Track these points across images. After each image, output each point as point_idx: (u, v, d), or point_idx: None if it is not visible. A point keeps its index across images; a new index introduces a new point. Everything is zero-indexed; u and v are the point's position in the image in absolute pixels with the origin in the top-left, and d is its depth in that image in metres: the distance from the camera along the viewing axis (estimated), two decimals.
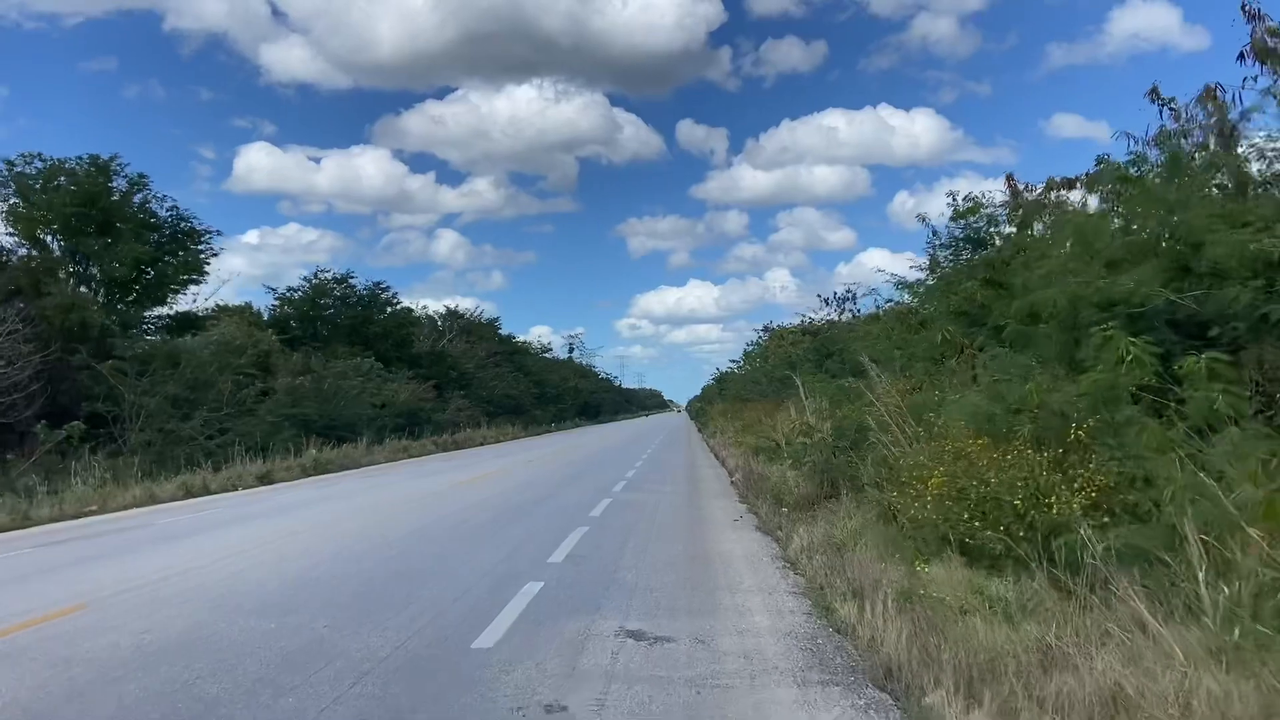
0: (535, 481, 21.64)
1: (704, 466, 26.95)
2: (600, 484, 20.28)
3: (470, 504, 16.26)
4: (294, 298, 52.61)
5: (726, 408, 62.94)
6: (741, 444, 31.99)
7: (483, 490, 19.26)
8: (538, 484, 20.83)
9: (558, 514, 14.60)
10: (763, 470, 20.86)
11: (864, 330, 24.40)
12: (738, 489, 19.16)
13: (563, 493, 18.42)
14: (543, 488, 19.74)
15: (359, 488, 21.25)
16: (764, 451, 24.58)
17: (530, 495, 17.91)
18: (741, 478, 20.51)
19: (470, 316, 78.94)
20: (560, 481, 21.62)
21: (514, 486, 20.10)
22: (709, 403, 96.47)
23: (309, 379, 37.59)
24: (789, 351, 40.38)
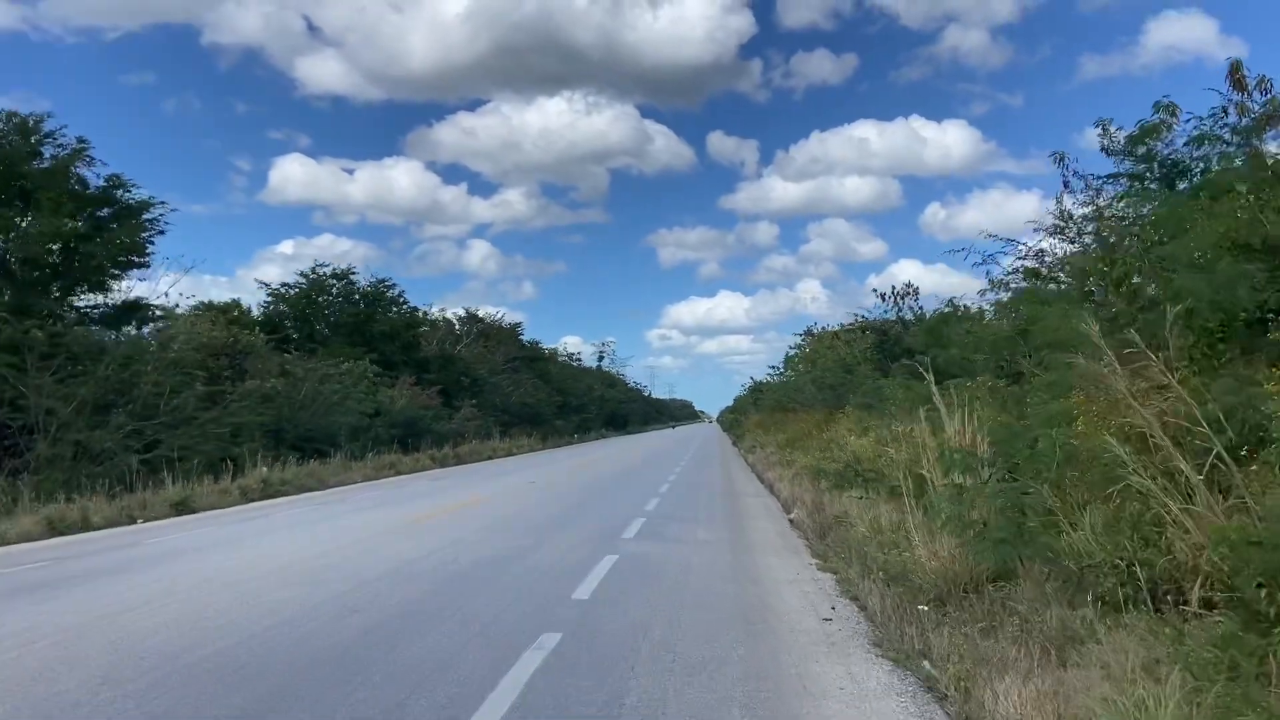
0: (518, 518, 15.69)
1: (747, 494, 20.84)
2: (608, 523, 14.31)
3: (391, 568, 10.28)
4: (288, 294, 47.26)
5: (764, 418, 56.80)
6: (791, 463, 25.88)
7: (437, 534, 13.34)
8: (519, 522, 14.87)
9: (521, 596, 8.62)
10: (836, 506, 14.84)
11: (974, 323, 18.40)
12: (804, 536, 13.12)
13: (549, 541, 12.44)
14: (523, 529, 13.78)
15: (273, 527, 15.38)
16: (828, 475, 18.53)
17: (498, 546, 11.94)
18: (805, 516, 14.46)
19: (490, 320, 73.58)
20: (554, 518, 15.65)
21: (484, 527, 14.16)
22: (742, 413, 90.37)
23: (282, 382, 31.99)
24: (843, 353, 34.25)
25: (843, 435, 26.27)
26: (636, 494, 19.97)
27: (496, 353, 65.98)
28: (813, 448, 29.81)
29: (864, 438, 19.33)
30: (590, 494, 20.65)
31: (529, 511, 16.59)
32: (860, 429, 20.41)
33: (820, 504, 15.89)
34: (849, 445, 19.61)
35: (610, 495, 20.26)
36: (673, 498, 19.15)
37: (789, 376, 50.96)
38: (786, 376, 51.54)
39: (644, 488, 21.80)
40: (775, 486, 21.11)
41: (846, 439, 23.75)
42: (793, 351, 50.82)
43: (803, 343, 50.29)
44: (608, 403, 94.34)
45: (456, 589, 8.89)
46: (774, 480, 22.46)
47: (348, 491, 23.53)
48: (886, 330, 29.61)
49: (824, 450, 25.76)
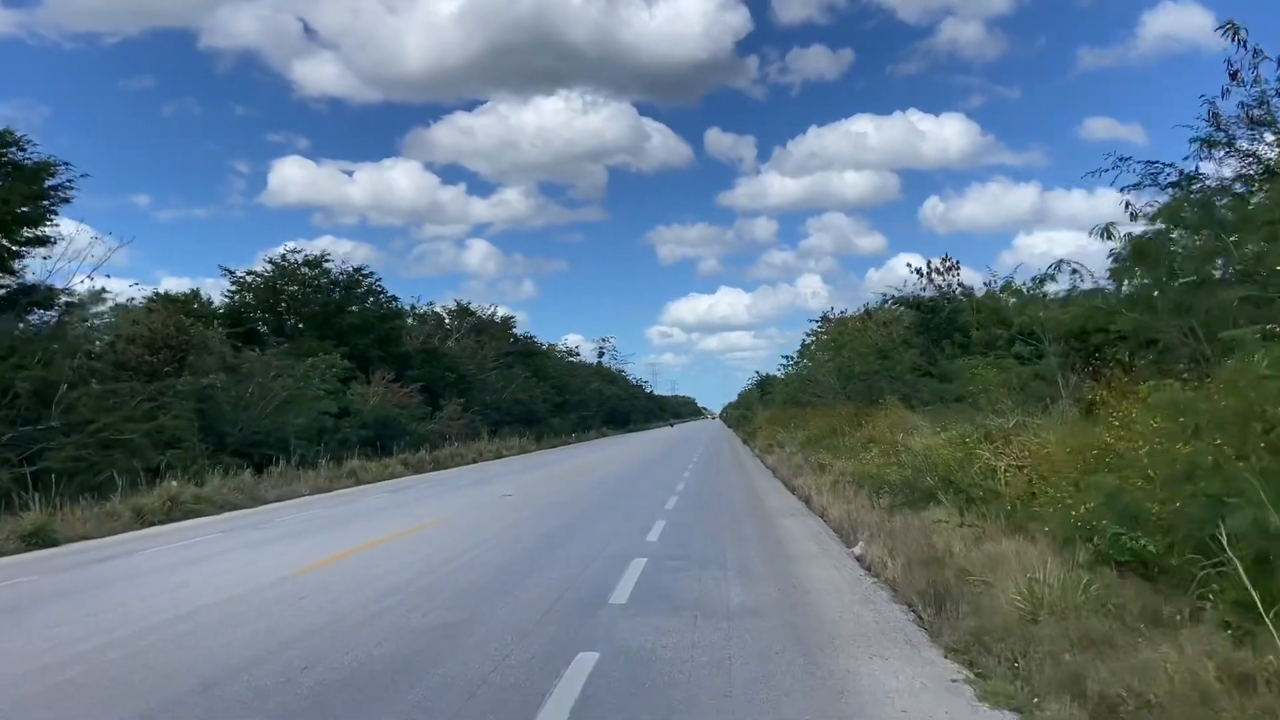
0: (463, 560, 10.87)
1: (781, 512, 15.98)
2: (591, 571, 9.54)
3: (191, 687, 5.56)
4: (254, 283, 42.55)
5: (776, 414, 51.93)
6: (825, 467, 21.09)
7: (316, 600, 8.55)
8: (462, 572, 10.04)
9: None
10: (918, 533, 10.07)
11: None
12: (894, 591, 8.25)
13: (490, 614, 7.61)
14: (460, 589, 8.96)
15: (92, 582, 10.54)
16: (891, 487, 13.74)
17: (397, 629, 7.17)
18: (884, 555, 9.65)
19: (482, 314, 68.90)
20: (515, 559, 10.82)
21: (402, 584, 9.32)
22: (749, 409, 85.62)
23: (224, 379, 27.26)
24: (875, 336, 29.43)
25: (886, 432, 21.53)
26: (635, 513, 15.21)
27: (487, 348, 61.26)
28: (845, 447, 25.03)
29: (928, 437, 14.54)
30: (575, 513, 15.85)
31: (484, 546, 11.78)
32: (931, 427, 15.62)
33: (891, 530, 11.13)
34: (910, 445, 14.82)
35: (601, 516, 15.47)
36: (684, 520, 14.35)
37: (804, 367, 46.13)
38: (801, 367, 46.69)
39: (645, 503, 17.05)
40: (813, 499, 16.32)
41: (902, 438, 19.07)
42: (808, 339, 45.96)
43: (819, 329, 45.48)
44: (608, 400, 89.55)
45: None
46: (808, 491, 17.68)
47: (280, 510, 18.75)
48: (935, 307, 24.84)
49: (864, 450, 21.04)
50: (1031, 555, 8.30)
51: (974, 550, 9.27)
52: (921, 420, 20.91)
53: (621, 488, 21.65)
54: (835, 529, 12.59)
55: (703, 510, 15.83)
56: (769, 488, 20.59)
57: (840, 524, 12.74)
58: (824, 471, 20.60)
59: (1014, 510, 9.83)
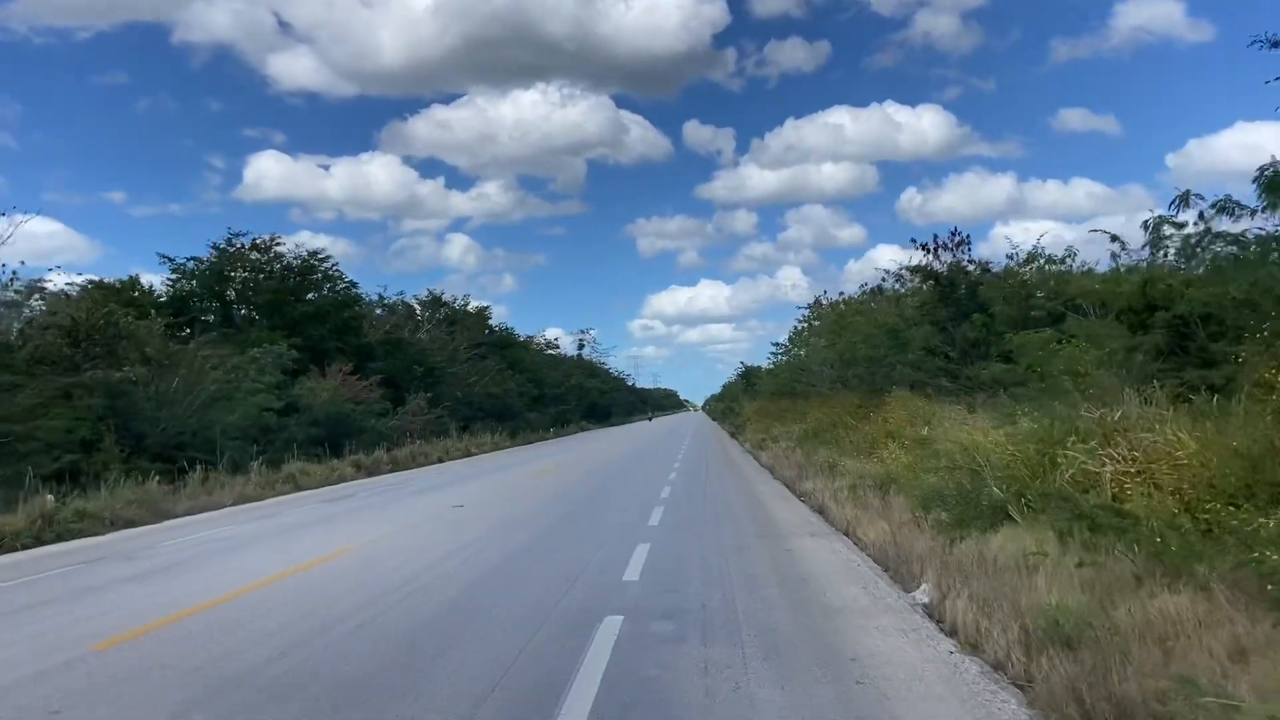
0: (355, 622, 7.56)
1: (795, 530, 12.64)
2: (525, 675, 6.29)
3: None
4: (197, 270, 38.90)
5: (765, 406, 48.75)
6: (833, 468, 17.93)
7: (120, 692, 5.25)
8: (336, 662, 6.71)
9: None
10: (1012, 577, 6.88)
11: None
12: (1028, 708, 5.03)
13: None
14: (317, 691, 5.65)
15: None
16: (942, 502, 10.49)
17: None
18: (979, 615, 6.39)
19: (455, 305, 65.41)
20: (428, 620, 7.53)
21: (227, 678, 6.02)
22: (734, 401, 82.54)
23: (140, 372, 23.76)
24: (883, 315, 26.21)
25: (905, 425, 18.36)
26: (611, 532, 11.94)
27: (460, 339, 57.78)
28: (852, 443, 21.85)
29: (983, 434, 11.27)
30: (535, 533, 12.52)
31: (393, 596, 8.43)
32: (972, 420, 12.35)
33: (961, 565, 7.94)
34: (951, 442, 11.55)
35: (566, 536, 12.16)
36: (673, 544, 11.06)
37: (795, 356, 43.01)
38: (793, 355, 43.56)
39: (623, 516, 13.77)
40: (830, 510, 13.09)
41: (928, 431, 15.93)
42: (800, 325, 42.79)
43: (809, 315, 42.31)
44: (588, 393, 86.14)
45: None
46: (821, 498, 14.46)
47: (182, 530, 15.32)
48: (955, 279, 21.58)
49: (881, 447, 17.87)
50: (1238, 626, 5.13)
51: (1120, 609, 6.06)
52: (950, 411, 17.76)
53: (596, 494, 18.36)
54: (877, 558, 9.34)
55: (696, 527, 12.55)
56: (771, 493, 17.35)
57: (881, 550, 9.50)
58: (832, 473, 17.40)
59: (1163, 543, 6.62)
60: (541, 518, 14.13)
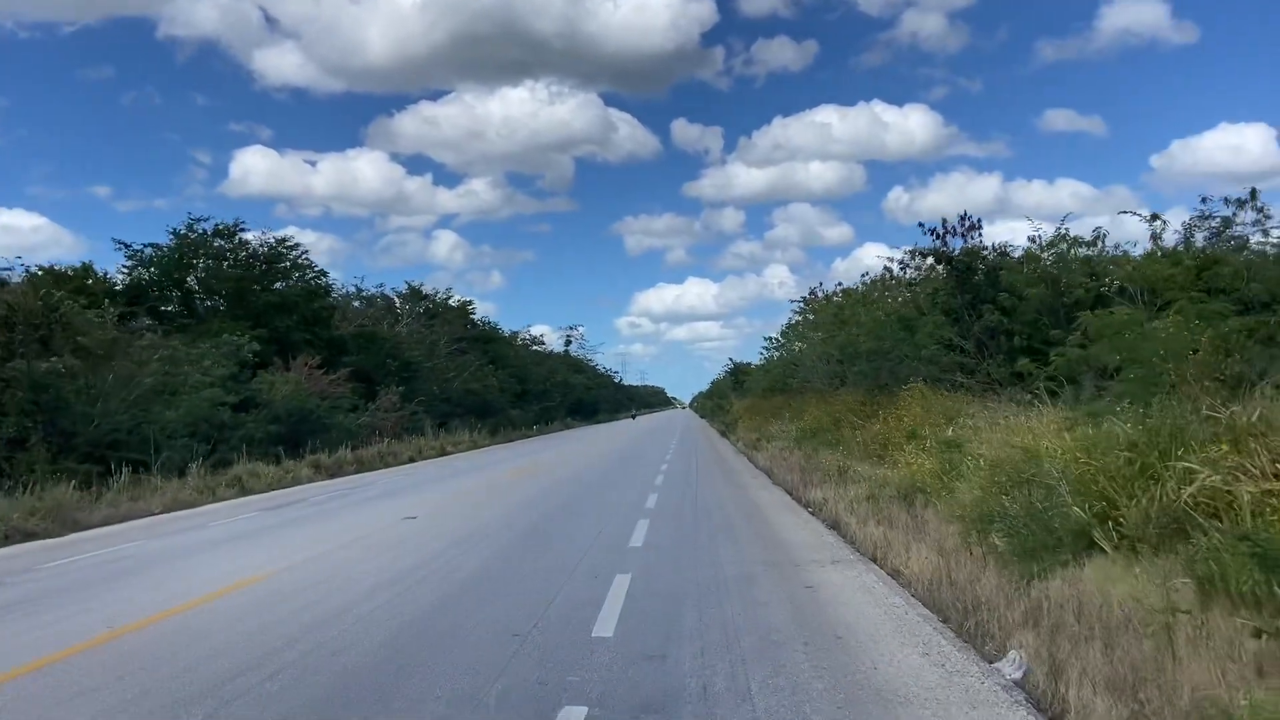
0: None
1: (812, 556, 10.17)
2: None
3: None
4: (155, 257, 36.43)
5: (756, 403, 46.52)
6: (844, 474, 15.76)
7: None
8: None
9: None
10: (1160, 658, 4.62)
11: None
12: None
13: None
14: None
15: None
16: (1003, 522, 8.24)
17: None
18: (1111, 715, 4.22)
19: (436, 298, 63.05)
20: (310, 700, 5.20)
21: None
22: (722, 399, 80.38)
23: (71, 362, 21.34)
24: (889, 304, 24.00)
25: (924, 426, 16.15)
26: (584, 556, 9.66)
27: (440, 333, 55.39)
28: (858, 445, 19.63)
29: (1050, 437, 9.02)
30: (489, 555, 10.19)
31: (299, 647, 6.15)
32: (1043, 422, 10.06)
33: (1052, 614, 5.73)
34: (1019, 446, 9.30)
35: (528, 563, 9.83)
36: (660, 578, 8.78)
37: (790, 350, 40.81)
38: (788, 350, 41.35)
39: (599, 534, 11.48)
40: (850, 529, 10.82)
41: (953, 432, 13.76)
42: (794, 317, 40.55)
43: (803, 309, 40.06)
44: (573, 389, 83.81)
45: None
46: (834, 510, 12.20)
47: (85, 545, 12.94)
48: (971, 264, 19.35)
49: (898, 450, 15.67)
50: None
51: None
52: (972, 408, 15.56)
53: (572, 503, 16.06)
54: (929, 601, 7.08)
55: (688, 550, 10.27)
56: (773, 502, 15.06)
57: (932, 589, 7.24)
58: (846, 479, 15.16)
59: None
60: (503, 534, 11.81)
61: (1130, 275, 15.64)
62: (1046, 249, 19.56)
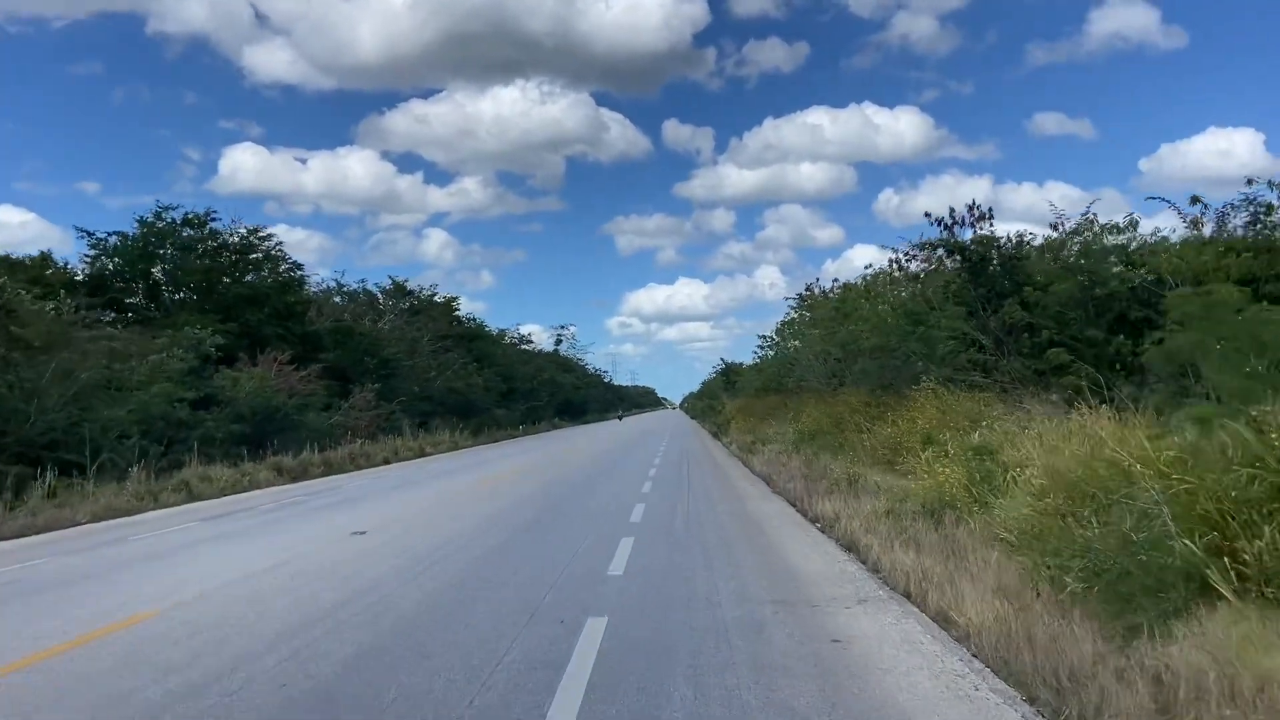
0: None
1: (837, 592, 8.21)
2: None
3: None
4: (120, 246, 34.43)
5: (749, 404, 44.77)
6: (855, 484, 14.00)
7: None
8: None
9: None
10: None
11: None
12: None
13: None
14: None
15: None
16: (1073, 556, 6.44)
17: None
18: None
19: (421, 294, 61.11)
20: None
21: None
22: (713, 399, 78.65)
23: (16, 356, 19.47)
24: (892, 296, 22.22)
25: (942, 429, 14.41)
26: (552, 592, 7.84)
27: (424, 330, 53.46)
28: (866, 449, 17.87)
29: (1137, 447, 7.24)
30: (436, 591, 8.31)
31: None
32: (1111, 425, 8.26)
33: (1177, 705, 3.89)
34: (1106, 459, 7.52)
35: (479, 602, 7.98)
36: (645, 622, 6.97)
37: (786, 348, 39.03)
38: (783, 348, 39.57)
39: (574, 557, 9.64)
40: (871, 553, 8.99)
41: (979, 437, 12.04)
42: (790, 314, 38.77)
43: (799, 306, 38.31)
44: (561, 389, 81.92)
45: None
46: (849, 527, 10.36)
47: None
48: (985, 255, 17.59)
49: (911, 455, 13.95)
50: None
51: None
52: (1004, 411, 13.81)
53: (547, 515, 14.21)
54: (1002, 669, 5.26)
55: (679, 581, 8.45)
56: (775, 515, 13.21)
57: (1003, 649, 5.43)
58: (857, 489, 13.36)
59: None
60: (460, 556, 9.96)
61: (1174, 265, 13.91)
62: (1070, 237, 17.86)
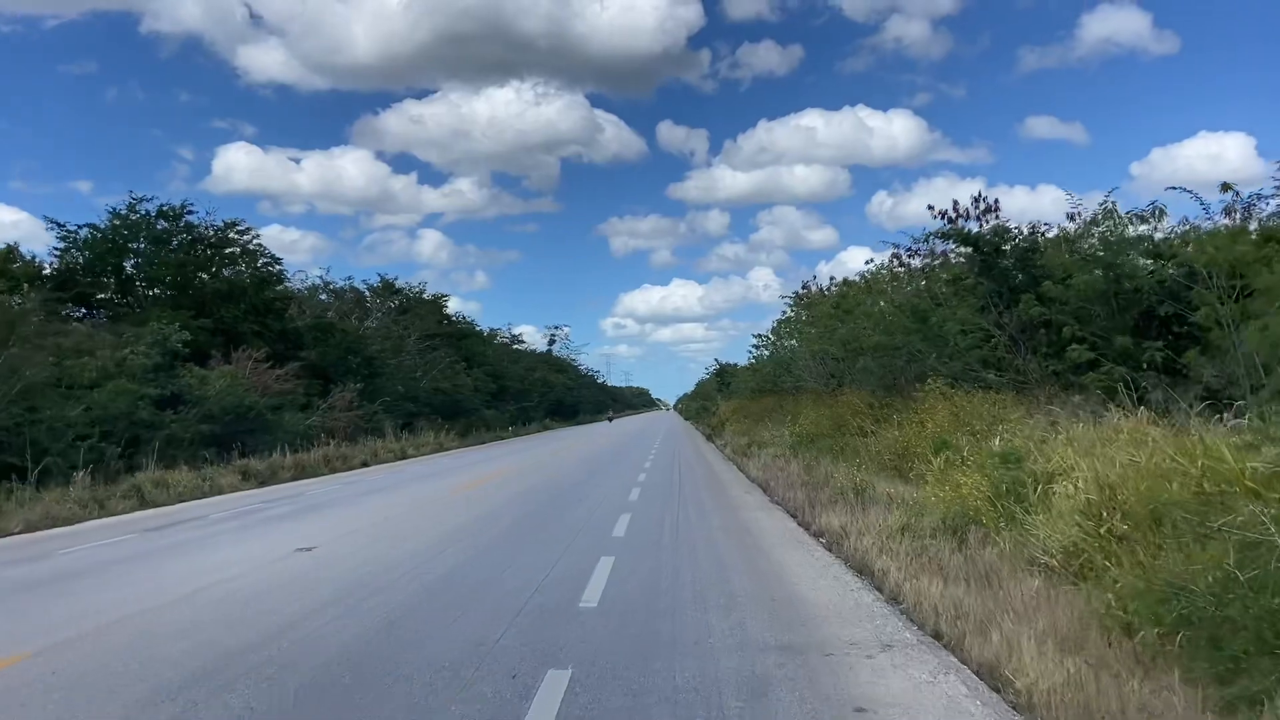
0: None
1: (875, 658, 7.12)
2: None
3: None
4: (91, 239, 32.99)
5: (744, 405, 43.44)
6: (862, 494, 12.65)
7: None
8: None
9: None
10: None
11: None
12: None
13: None
14: None
15: None
16: (1159, 602, 5.08)
17: None
18: None
19: (409, 292, 59.70)
20: None
21: None
22: (708, 400, 77.36)
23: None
24: (893, 293, 20.89)
25: (955, 432, 13.13)
26: (511, 631, 6.46)
27: (411, 329, 52.04)
28: (871, 454, 16.52)
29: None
30: (368, 635, 6.90)
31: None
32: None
33: None
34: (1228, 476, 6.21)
35: (408, 654, 6.60)
36: (620, 676, 5.60)
37: (782, 348, 37.66)
38: (780, 348, 38.20)
39: (543, 583, 8.24)
40: (889, 581, 7.63)
41: (1002, 442, 10.75)
42: (787, 313, 37.42)
43: (794, 305, 36.94)
44: (553, 389, 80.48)
45: None
46: (858, 546, 9.00)
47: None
48: (999, 246, 16.27)
49: (922, 463, 12.65)
50: None
51: None
52: (1023, 412, 12.50)
53: (521, 525, 12.83)
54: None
55: (664, 614, 7.08)
56: (774, 530, 11.82)
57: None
58: (863, 498, 12.00)
59: None
60: (408, 584, 8.57)
61: (1209, 257, 12.57)
62: (1089, 227, 16.53)
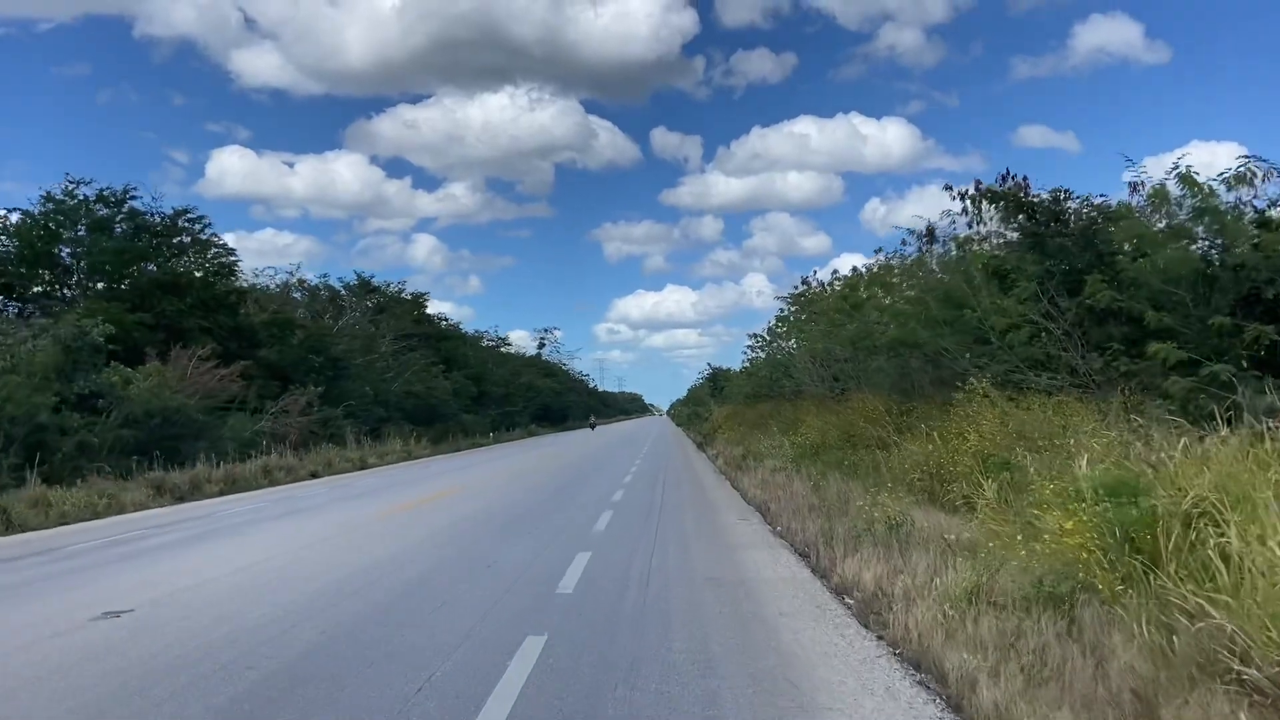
0: None
1: None
2: None
3: None
4: (21, 225, 29.93)
5: (738, 411, 40.39)
6: (907, 528, 9.52)
7: None
8: None
9: None
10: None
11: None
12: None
13: None
14: None
15: None
16: None
17: None
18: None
19: (388, 290, 56.70)
20: None
21: None
22: (700, 405, 74.30)
23: None
24: (921, 277, 17.91)
25: (1004, 444, 10.12)
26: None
27: (385, 328, 48.96)
28: (894, 472, 13.41)
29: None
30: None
31: None
32: None
33: None
34: None
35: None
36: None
37: (779, 351, 34.60)
38: (777, 349, 35.15)
39: (451, 655, 5.12)
40: (988, 708, 4.59)
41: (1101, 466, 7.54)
42: (783, 311, 34.38)
43: (792, 304, 33.90)
44: (540, 394, 77.35)
45: None
46: (911, 623, 5.98)
47: None
48: (1059, 213, 13.27)
49: (973, 489, 9.62)
50: None
51: None
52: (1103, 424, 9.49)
53: (452, 564, 9.68)
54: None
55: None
56: (783, 583, 8.68)
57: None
58: (903, 537, 8.90)
59: None
60: (265, 662, 5.47)
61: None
62: (1159, 199, 13.47)
